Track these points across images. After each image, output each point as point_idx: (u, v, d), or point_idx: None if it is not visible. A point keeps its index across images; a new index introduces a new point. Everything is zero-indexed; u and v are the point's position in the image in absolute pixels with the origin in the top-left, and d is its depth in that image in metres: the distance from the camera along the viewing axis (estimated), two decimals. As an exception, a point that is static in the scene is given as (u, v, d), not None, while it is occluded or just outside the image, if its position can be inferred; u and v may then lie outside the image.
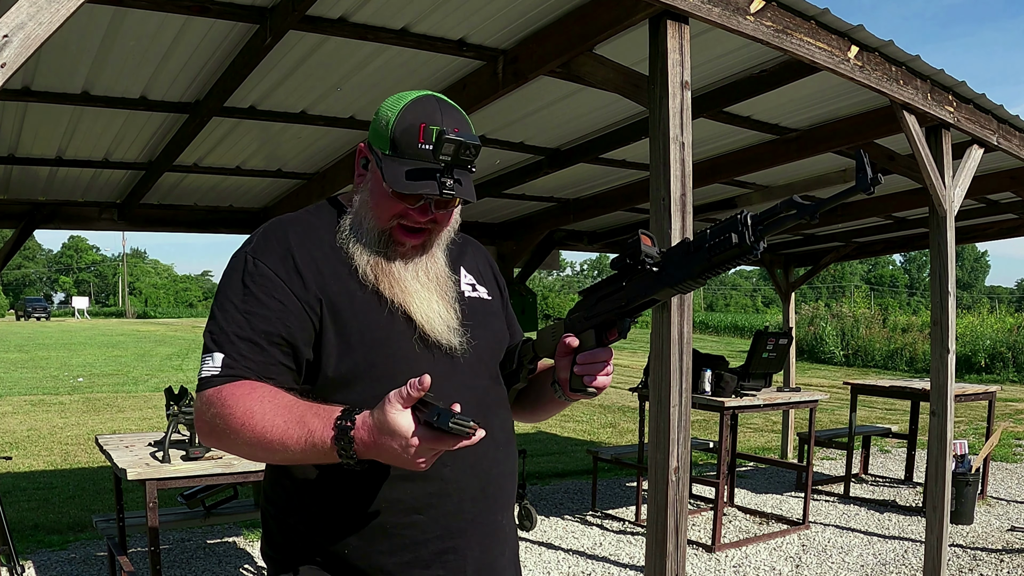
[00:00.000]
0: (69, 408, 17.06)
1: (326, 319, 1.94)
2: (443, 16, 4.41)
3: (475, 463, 2.01)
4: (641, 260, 1.81)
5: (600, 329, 1.96)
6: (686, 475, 3.79)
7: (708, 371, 7.94)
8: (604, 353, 1.98)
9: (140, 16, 4.16)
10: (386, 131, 1.98)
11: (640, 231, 1.84)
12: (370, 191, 2.03)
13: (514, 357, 2.18)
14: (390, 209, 1.99)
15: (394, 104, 2.01)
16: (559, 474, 11.23)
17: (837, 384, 21.61)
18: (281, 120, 5.91)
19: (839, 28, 4.51)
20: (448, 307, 2.05)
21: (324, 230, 2.05)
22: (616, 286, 1.91)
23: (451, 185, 1.91)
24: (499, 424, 2.13)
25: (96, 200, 8.46)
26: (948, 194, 5.68)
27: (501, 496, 2.12)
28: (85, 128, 6.03)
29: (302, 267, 1.95)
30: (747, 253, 1.61)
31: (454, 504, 1.98)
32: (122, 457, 5.16)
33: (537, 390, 2.25)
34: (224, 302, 1.93)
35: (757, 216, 1.61)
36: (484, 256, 2.43)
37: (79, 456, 12.00)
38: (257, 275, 1.93)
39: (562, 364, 2.05)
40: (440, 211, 2.03)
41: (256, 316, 1.90)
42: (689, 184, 3.78)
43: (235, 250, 2.03)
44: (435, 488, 1.96)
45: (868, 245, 12.39)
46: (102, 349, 34.04)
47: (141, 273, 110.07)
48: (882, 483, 10.68)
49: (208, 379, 1.87)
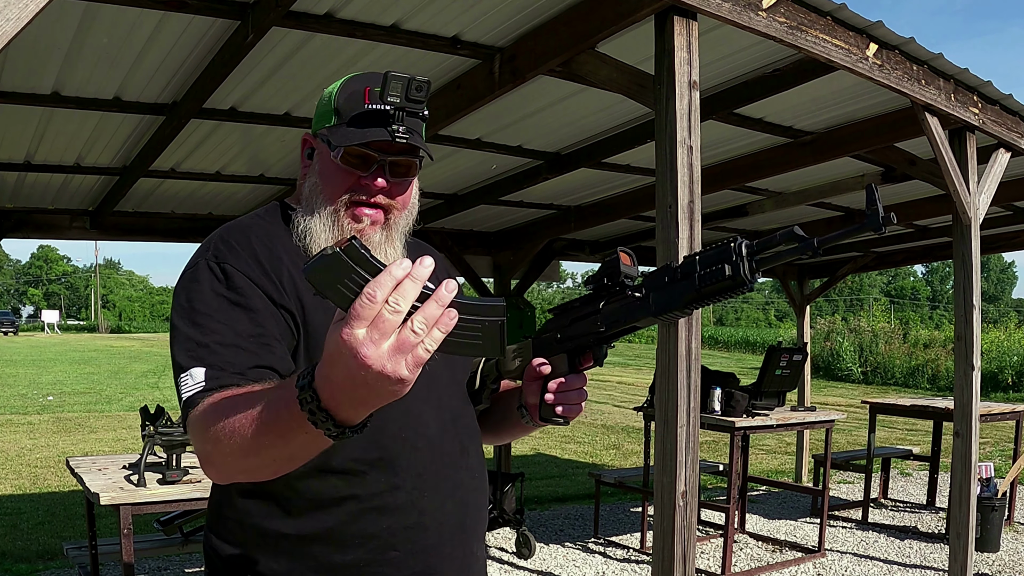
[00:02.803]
0: (38, 428, 17.02)
1: (302, 327, 1.90)
2: (436, 12, 4.41)
3: (452, 491, 1.98)
4: (620, 281, 1.78)
5: (574, 354, 1.92)
6: (694, 500, 3.78)
7: (718, 389, 7.93)
8: (578, 380, 1.94)
9: (113, 12, 4.15)
10: (329, 105, 1.98)
11: (619, 248, 1.81)
12: (319, 174, 2.00)
13: (475, 377, 2.13)
14: (342, 183, 1.96)
15: (335, 84, 2.03)
16: (559, 498, 11.21)
17: (855, 403, 21.60)
18: (264, 122, 5.89)
19: (857, 25, 4.52)
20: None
21: (282, 231, 2.01)
22: (592, 307, 1.85)
23: (404, 131, 1.88)
24: (474, 449, 2.09)
25: (67, 207, 8.45)
26: (973, 201, 5.68)
27: (478, 526, 2.08)
28: (55, 131, 6.02)
29: (272, 271, 1.90)
30: (741, 287, 1.56)
31: (432, 537, 1.94)
32: (95, 480, 5.14)
33: (501, 413, 2.19)
34: (194, 316, 1.83)
35: (753, 246, 1.56)
36: (442, 264, 2.36)
37: (49, 479, 11.96)
38: (227, 280, 1.86)
39: (531, 388, 2.00)
40: (395, 179, 1.99)
41: (238, 321, 1.82)
42: (698, 190, 3.78)
43: (188, 262, 1.95)
44: (411, 520, 1.91)
45: (888, 255, 12.38)
46: (73, 366, 34.02)
47: (115, 285, 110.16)
48: (903, 508, 10.66)
49: (192, 399, 1.73)
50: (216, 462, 1.67)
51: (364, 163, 1.95)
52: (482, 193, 8.29)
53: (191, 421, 1.72)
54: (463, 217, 9.44)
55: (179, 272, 1.96)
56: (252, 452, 1.56)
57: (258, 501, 1.89)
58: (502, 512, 8.10)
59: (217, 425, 1.62)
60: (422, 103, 1.91)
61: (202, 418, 1.68)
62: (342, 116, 1.94)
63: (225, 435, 1.59)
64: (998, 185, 5.96)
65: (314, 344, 1.89)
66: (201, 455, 1.70)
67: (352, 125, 1.92)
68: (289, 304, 1.89)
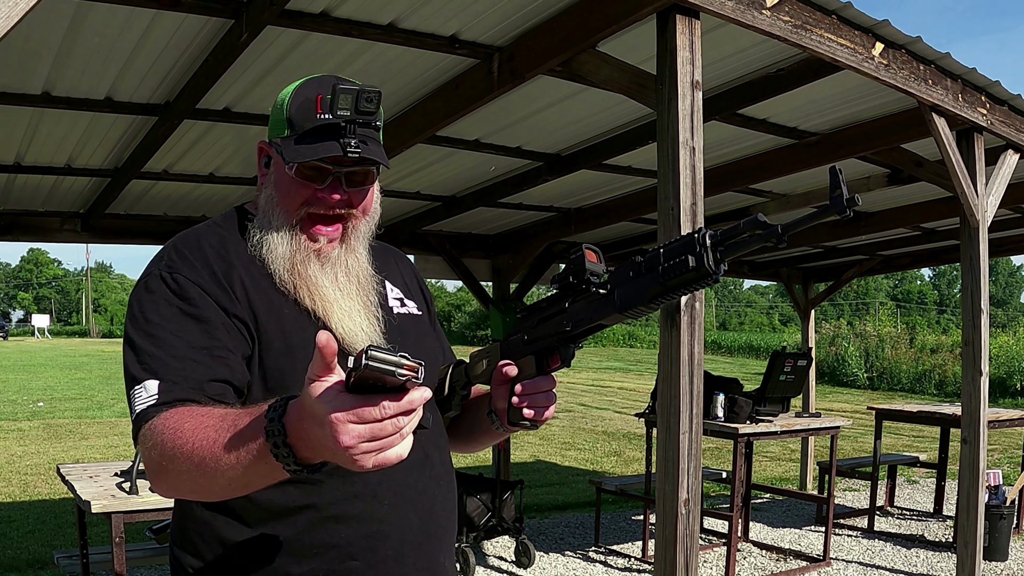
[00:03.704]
0: (28, 435, 17.00)
1: (256, 339, 1.89)
2: (434, 10, 4.41)
3: (415, 499, 1.96)
4: (586, 279, 1.77)
5: (541, 355, 1.90)
6: (697, 508, 3.78)
7: (721, 395, 7.92)
8: (546, 382, 1.92)
9: (105, 10, 4.16)
10: (282, 114, 1.96)
11: (584, 245, 1.79)
12: (275, 185, 1.99)
13: (445, 383, 2.11)
14: (298, 196, 1.95)
15: (288, 89, 2.00)
16: (559, 506, 11.19)
17: (861, 409, 21.58)
18: (258, 123, 5.91)
19: (862, 23, 4.53)
20: (370, 317, 2.00)
21: (237, 240, 2.01)
22: (558, 307, 1.85)
23: (356, 144, 1.86)
24: (438, 456, 2.08)
25: (58, 210, 8.46)
26: (981, 203, 5.69)
27: (444, 535, 2.07)
28: (46, 132, 6.03)
29: (226, 282, 1.90)
30: (705, 278, 1.55)
31: (394, 547, 1.92)
32: (86, 488, 5.13)
33: (472, 419, 2.18)
34: (148, 327, 1.84)
35: (717, 236, 1.55)
36: (409, 267, 2.35)
37: (39, 487, 11.94)
38: (180, 291, 1.86)
39: (499, 393, 1.98)
40: (353, 189, 1.97)
41: (191, 332, 1.82)
42: (700, 192, 3.78)
43: (143, 272, 1.95)
44: (372, 529, 1.89)
45: (894, 258, 12.39)
46: (64, 371, 33.99)
47: (106, 289, 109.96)
48: (909, 516, 10.65)
49: (144, 412, 1.74)
50: (169, 480, 1.70)
51: (319, 175, 1.94)
52: (481, 195, 8.29)
53: (143, 435, 1.73)
54: (461, 220, 9.44)
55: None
56: (208, 474, 1.58)
57: (217, 512, 1.89)
58: (501, 520, 8.09)
59: (174, 442, 1.63)
60: (374, 114, 1.88)
61: (156, 434, 1.69)
62: (294, 127, 1.93)
63: (182, 453, 1.61)
64: (1007, 187, 5.97)
65: (268, 352, 1.89)
66: (152, 470, 1.72)
67: (304, 138, 1.90)
68: (242, 313, 1.89)
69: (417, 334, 2.15)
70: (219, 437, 1.56)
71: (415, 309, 2.21)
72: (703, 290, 1.87)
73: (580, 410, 22.91)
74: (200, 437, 1.59)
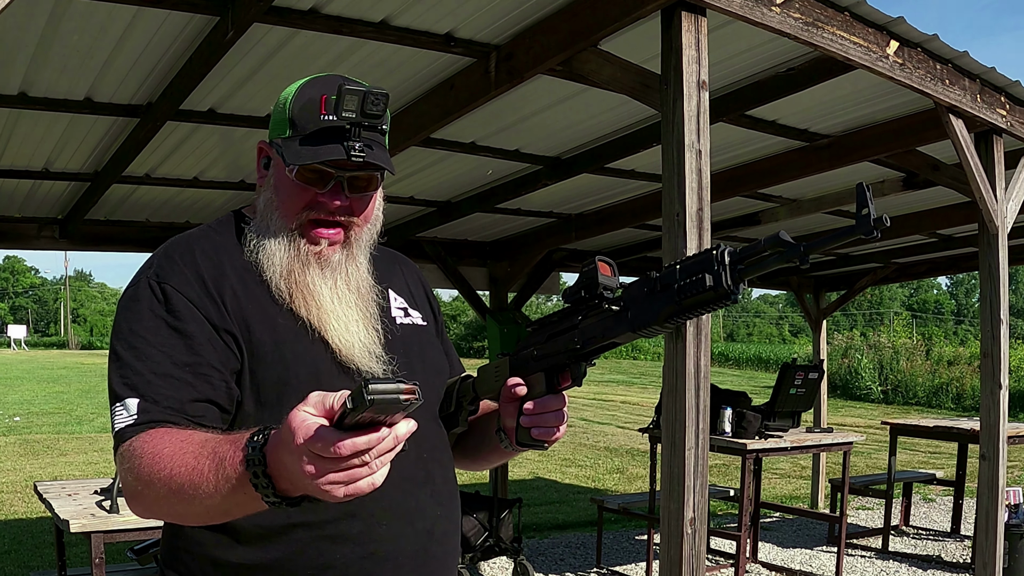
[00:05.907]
0: (4, 451, 16.99)
1: (247, 352, 1.89)
2: (428, 7, 4.41)
3: (415, 519, 1.96)
4: (598, 294, 1.76)
5: (551, 373, 1.89)
6: (703, 527, 3.77)
7: (728, 409, 7.92)
8: (556, 401, 1.91)
9: (84, 6, 4.16)
10: (284, 114, 1.97)
11: (597, 258, 1.78)
12: (274, 187, 2.01)
13: (452, 397, 2.11)
14: (298, 200, 1.96)
15: (291, 88, 2.01)
16: (559, 526, 11.19)
17: (875, 424, 21.58)
18: (244, 125, 5.88)
19: (877, 21, 4.53)
20: (369, 328, 2.00)
21: (232, 246, 2.02)
22: (570, 322, 1.84)
23: (360, 148, 1.87)
24: (441, 474, 2.08)
25: (35, 216, 8.45)
26: (1000, 208, 5.69)
27: (445, 557, 2.07)
28: (22, 134, 6.02)
29: (215, 291, 1.90)
30: (723, 298, 1.55)
31: (391, 569, 1.92)
32: (64, 506, 5.12)
33: (480, 436, 2.19)
34: (131, 338, 1.85)
35: (736, 253, 1.55)
36: (415, 275, 2.35)
37: (15, 505, 11.93)
38: (166, 302, 1.87)
39: (508, 410, 1.98)
40: (355, 195, 1.98)
41: (174, 348, 1.83)
42: (707, 197, 3.78)
43: (132, 278, 1.96)
44: (369, 550, 1.89)
45: (909, 266, 12.38)
46: (42, 384, 33.94)
47: (86, 298, 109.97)
48: (925, 536, 10.65)
49: (123, 431, 1.77)
50: (146, 503, 1.73)
51: (321, 179, 1.95)
52: (477, 200, 8.29)
53: (122, 454, 1.76)
54: (457, 226, 9.44)
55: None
56: (186, 500, 1.62)
57: (208, 531, 1.88)
58: (499, 540, 8.07)
59: (151, 467, 1.66)
60: (380, 117, 1.89)
61: (135, 455, 1.71)
62: (297, 128, 1.93)
63: (159, 479, 1.64)
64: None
65: (260, 364, 1.89)
66: (129, 491, 1.75)
67: (307, 139, 1.91)
68: (231, 326, 1.89)
69: (420, 345, 2.15)
70: (198, 464, 1.58)
71: (420, 319, 2.20)
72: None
73: (581, 425, 22.89)
74: (179, 463, 1.61)
